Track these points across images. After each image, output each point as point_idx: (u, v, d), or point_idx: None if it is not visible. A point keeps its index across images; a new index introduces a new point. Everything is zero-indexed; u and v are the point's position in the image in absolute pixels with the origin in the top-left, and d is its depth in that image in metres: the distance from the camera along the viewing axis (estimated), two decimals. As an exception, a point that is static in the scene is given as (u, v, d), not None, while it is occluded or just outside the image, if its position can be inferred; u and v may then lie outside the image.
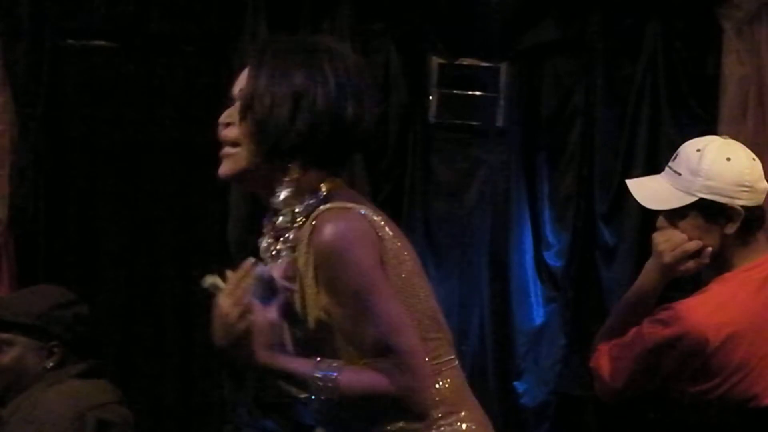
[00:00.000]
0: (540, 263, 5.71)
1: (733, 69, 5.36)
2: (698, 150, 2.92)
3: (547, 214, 5.70)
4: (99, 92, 5.74)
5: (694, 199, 2.88)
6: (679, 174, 2.92)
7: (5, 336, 3.37)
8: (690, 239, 2.90)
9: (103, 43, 5.74)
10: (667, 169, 2.98)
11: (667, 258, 2.91)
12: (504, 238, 5.72)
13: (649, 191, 3.02)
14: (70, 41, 5.74)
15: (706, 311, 2.82)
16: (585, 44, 5.64)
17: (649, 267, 2.98)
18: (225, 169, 2.43)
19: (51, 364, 3.38)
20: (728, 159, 2.89)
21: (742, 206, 2.86)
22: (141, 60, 5.74)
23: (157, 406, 5.67)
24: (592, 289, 5.59)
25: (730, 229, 2.86)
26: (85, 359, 3.42)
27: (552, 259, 5.69)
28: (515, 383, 5.70)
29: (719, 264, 2.93)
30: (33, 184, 5.60)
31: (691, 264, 2.91)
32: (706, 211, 2.88)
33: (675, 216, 2.93)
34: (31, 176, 5.59)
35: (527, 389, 5.68)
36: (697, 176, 2.87)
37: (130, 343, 5.78)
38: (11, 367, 3.37)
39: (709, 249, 2.89)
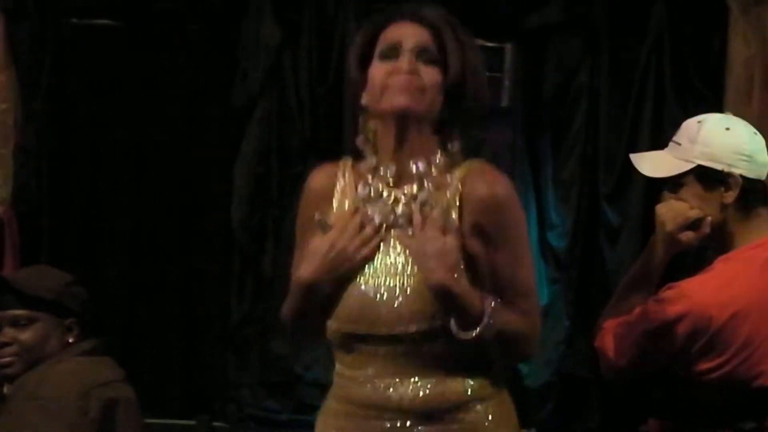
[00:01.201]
0: (544, 244, 5.69)
1: (739, 50, 5.34)
2: (699, 122, 2.94)
3: (551, 195, 5.69)
4: (103, 71, 5.74)
5: (692, 165, 2.89)
6: (679, 144, 2.93)
7: (25, 313, 3.34)
8: (691, 209, 2.90)
9: (107, 21, 5.74)
10: (670, 143, 2.99)
11: (669, 226, 2.92)
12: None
13: (650, 162, 3.02)
14: (74, 20, 5.74)
15: (711, 289, 2.83)
16: (590, 25, 5.62)
17: (653, 240, 2.99)
18: (410, 100, 2.40)
19: (71, 339, 3.37)
20: (727, 129, 2.91)
21: (740, 176, 2.86)
22: (145, 39, 5.73)
23: (160, 385, 5.68)
24: (596, 269, 5.58)
25: (729, 198, 2.86)
26: (91, 337, 3.42)
27: (556, 240, 5.68)
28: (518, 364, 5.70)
29: (722, 241, 2.93)
30: (36, 162, 5.61)
31: (692, 234, 2.92)
32: (704, 179, 2.88)
33: (675, 185, 2.94)
34: (34, 155, 5.60)
35: (530, 370, 5.67)
36: (695, 144, 2.89)
37: (133, 322, 5.79)
38: (35, 344, 3.33)
39: (709, 218, 2.90)
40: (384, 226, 2.44)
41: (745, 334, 2.80)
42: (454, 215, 2.40)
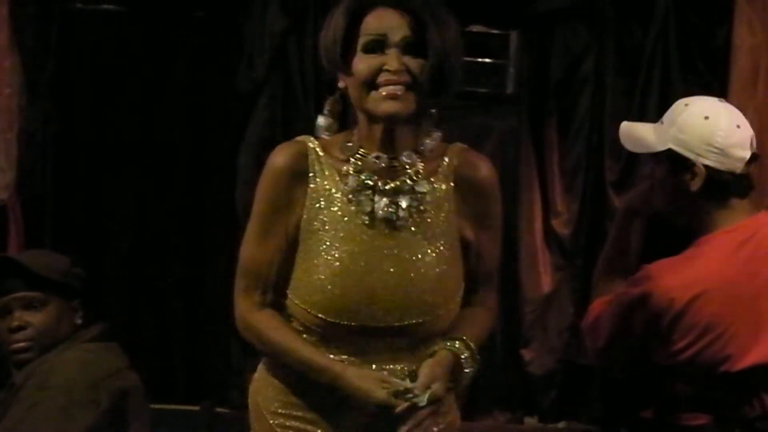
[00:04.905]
0: (549, 231, 5.70)
1: (744, 39, 5.35)
2: (686, 104, 2.92)
3: (556, 182, 5.69)
4: (107, 56, 5.74)
5: (664, 148, 2.88)
6: (662, 123, 2.93)
7: (39, 295, 3.28)
8: (655, 187, 2.94)
9: (111, 7, 5.73)
10: (660, 119, 2.99)
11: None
12: (513, 206, 5.70)
13: (633, 135, 3.02)
14: (79, 5, 5.73)
15: (674, 271, 2.83)
16: (596, 12, 5.61)
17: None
18: (399, 108, 2.37)
19: (79, 321, 3.34)
20: (706, 117, 2.87)
21: (706, 166, 2.84)
22: (150, 24, 5.73)
23: (164, 371, 5.68)
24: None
25: (694, 186, 2.86)
26: (91, 318, 3.40)
27: (561, 228, 5.68)
28: (522, 351, 5.71)
29: (697, 226, 2.92)
30: (41, 147, 5.61)
31: (630, 195, 3.06)
32: (673, 162, 2.88)
33: (652, 161, 2.97)
34: (38, 140, 5.60)
35: (534, 357, 5.68)
36: (672, 126, 2.88)
37: (137, 307, 5.79)
38: (50, 327, 3.26)
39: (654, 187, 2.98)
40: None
41: (709, 316, 2.79)
42: (451, 197, 2.47)
